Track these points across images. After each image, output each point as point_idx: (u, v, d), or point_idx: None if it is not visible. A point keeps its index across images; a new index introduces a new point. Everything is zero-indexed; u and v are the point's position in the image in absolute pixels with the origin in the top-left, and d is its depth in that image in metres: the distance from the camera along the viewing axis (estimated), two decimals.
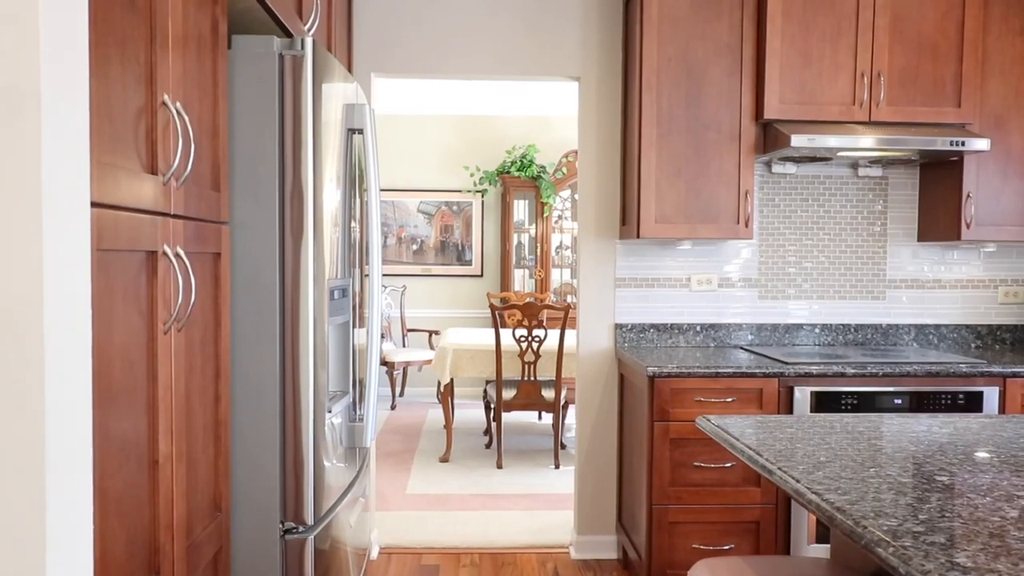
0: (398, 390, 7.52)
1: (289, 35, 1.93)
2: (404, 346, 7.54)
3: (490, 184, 7.82)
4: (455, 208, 7.88)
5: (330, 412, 1.89)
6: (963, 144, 3.18)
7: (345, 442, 2.08)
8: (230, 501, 1.71)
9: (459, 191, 7.86)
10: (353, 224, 2.22)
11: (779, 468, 1.63)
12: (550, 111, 7.63)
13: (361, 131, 2.19)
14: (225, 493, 1.67)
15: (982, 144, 3.19)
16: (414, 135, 7.82)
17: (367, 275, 2.28)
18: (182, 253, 1.38)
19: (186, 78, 1.43)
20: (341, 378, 2.04)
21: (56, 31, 0.93)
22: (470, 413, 7.01)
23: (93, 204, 1.04)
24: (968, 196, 3.42)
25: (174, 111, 1.34)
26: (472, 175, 7.82)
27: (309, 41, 1.76)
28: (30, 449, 0.91)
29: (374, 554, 3.68)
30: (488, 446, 5.82)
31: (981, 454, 1.77)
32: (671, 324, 3.69)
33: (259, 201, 1.75)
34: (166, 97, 1.32)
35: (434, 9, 3.59)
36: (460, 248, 7.90)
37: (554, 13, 3.63)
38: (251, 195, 1.75)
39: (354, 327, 2.19)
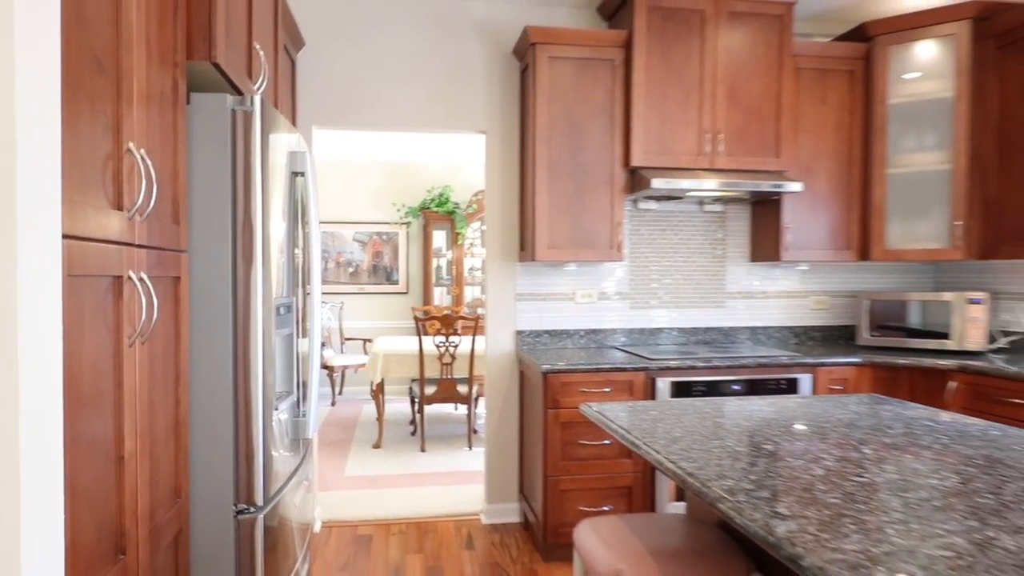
0: (337, 389, 7.35)
1: (241, 93, 1.88)
2: (342, 352, 7.37)
3: (414, 217, 7.77)
4: (384, 237, 7.78)
5: (277, 410, 1.84)
6: (781, 187, 3.34)
7: (290, 434, 2.02)
8: (189, 489, 1.64)
9: (388, 223, 7.77)
10: (297, 251, 2.17)
11: (644, 443, 1.68)
12: (463, 158, 7.65)
13: (303, 174, 2.15)
14: (184, 482, 1.60)
15: (796, 187, 3.36)
16: (351, 177, 7.71)
17: (309, 294, 2.23)
18: (145, 277, 1.32)
19: (149, 128, 1.38)
20: (286, 380, 1.98)
21: (30, 90, 0.89)
22: (398, 407, 6.93)
23: (65, 236, 1.00)
24: (786, 227, 3.60)
25: (138, 157, 1.29)
26: (399, 210, 7.76)
27: (257, 99, 1.72)
28: (6, 450, 0.86)
29: (317, 528, 3.58)
30: (413, 433, 5.75)
31: (798, 426, 1.85)
32: (561, 330, 3.74)
33: (215, 232, 1.69)
34: (131, 145, 1.27)
35: (365, 73, 3.56)
36: (389, 270, 7.80)
37: (464, 79, 3.65)
38: (208, 227, 1.69)
39: (297, 337, 2.13)
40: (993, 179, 3.33)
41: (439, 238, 7.84)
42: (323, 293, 7.64)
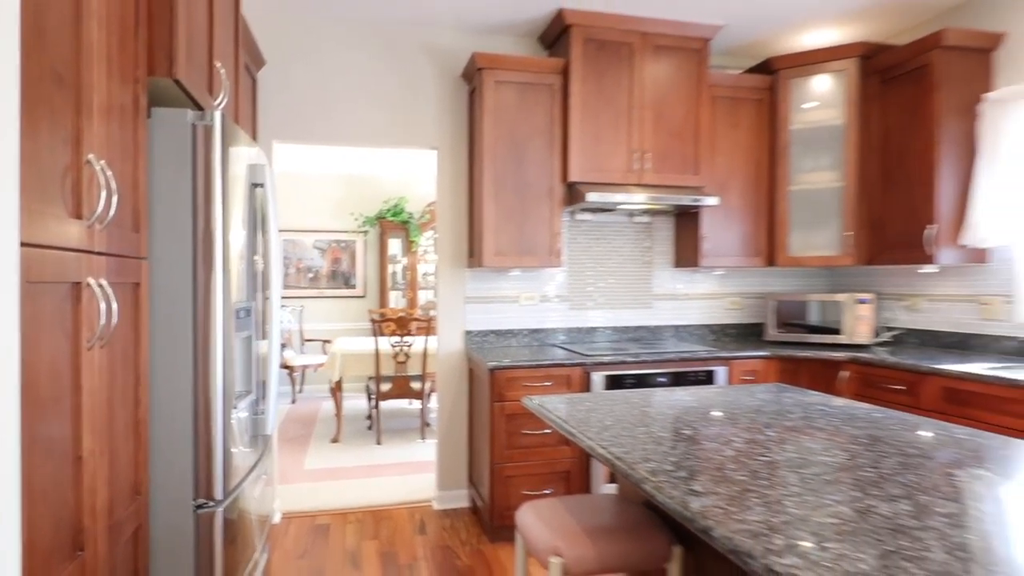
0: (298, 388, 7.16)
1: (202, 108, 1.82)
2: (302, 353, 7.19)
3: (370, 226, 7.66)
4: (343, 245, 7.63)
5: (236, 408, 1.78)
6: (700, 201, 3.44)
7: (250, 431, 1.96)
8: (149, 485, 1.57)
9: (346, 231, 7.64)
10: (257, 258, 2.11)
11: (579, 432, 1.70)
12: (417, 171, 7.59)
13: (262, 185, 2.10)
14: (144, 479, 1.53)
15: (713, 201, 3.46)
16: (312, 188, 7.55)
17: (268, 298, 2.17)
18: (104, 283, 1.26)
19: (110, 141, 1.32)
20: (246, 380, 1.93)
21: None
22: (356, 403, 6.80)
23: (23, 244, 0.95)
24: (704, 236, 3.70)
25: (98, 168, 1.23)
26: (356, 219, 7.64)
27: (218, 114, 1.67)
28: None
29: (276, 519, 3.48)
30: (370, 428, 5.65)
31: (713, 413, 1.89)
32: (506, 330, 3.75)
33: (176, 240, 1.63)
34: (91, 156, 1.21)
35: (323, 91, 3.49)
36: (347, 276, 7.66)
37: (417, 99, 3.62)
38: (169, 235, 1.62)
39: (257, 339, 2.07)
40: (877, 196, 3.51)
41: (394, 246, 7.76)
42: (284, 297, 7.45)
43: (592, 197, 3.25)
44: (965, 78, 3.16)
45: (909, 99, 3.29)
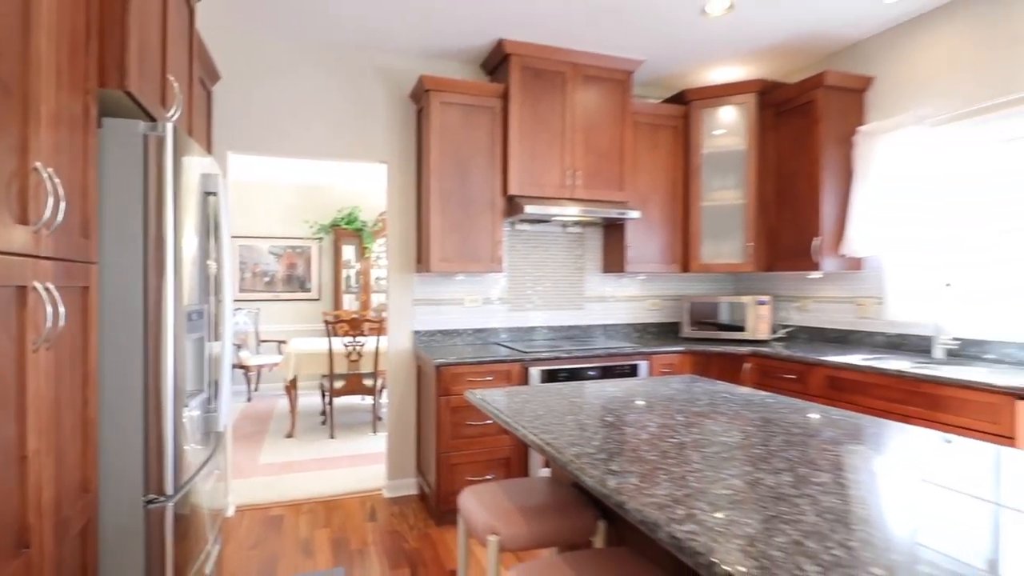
0: (253, 387, 6.92)
1: (154, 119, 1.74)
2: (258, 353, 6.94)
3: (325, 234, 7.47)
4: (298, 250, 7.42)
5: (188, 406, 1.70)
6: (624, 214, 3.53)
7: (202, 428, 1.88)
8: (98, 482, 1.48)
9: (301, 238, 7.42)
10: (210, 262, 2.03)
11: (514, 421, 1.71)
12: (370, 182, 7.47)
13: (215, 193, 2.02)
14: (93, 476, 1.45)
15: (636, 215, 3.55)
16: (269, 197, 7.30)
17: (221, 301, 2.09)
18: (51, 287, 1.19)
19: (58, 149, 1.25)
20: (198, 379, 1.84)
21: None
22: (311, 400, 6.59)
23: None
24: (628, 246, 3.80)
25: (45, 175, 1.16)
26: (311, 227, 7.44)
27: (169, 126, 1.60)
28: None
29: (230, 513, 3.34)
30: (324, 423, 5.50)
31: (633, 402, 1.93)
32: (452, 330, 3.74)
33: (128, 245, 1.55)
34: (38, 164, 1.14)
35: (277, 106, 3.40)
36: (302, 280, 7.44)
37: (368, 116, 3.57)
38: (121, 240, 1.54)
39: (210, 341, 1.99)
40: (773, 212, 3.69)
41: (348, 251, 7.60)
42: (241, 300, 7.16)
43: (530, 209, 3.29)
44: (843, 113, 3.37)
45: (798, 130, 3.48)
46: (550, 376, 3.25)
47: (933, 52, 3.09)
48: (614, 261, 3.91)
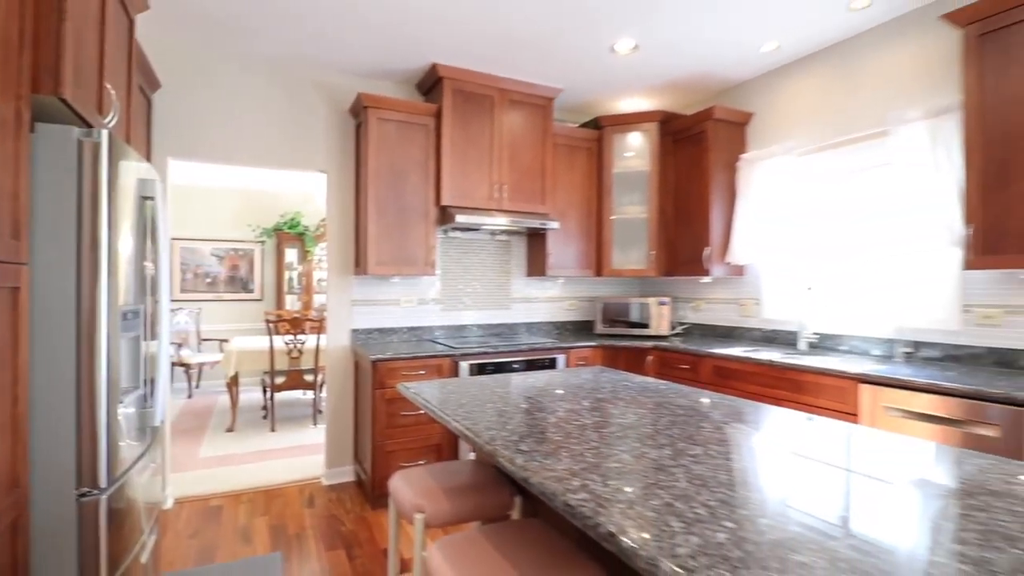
0: (194, 384, 6.53)
1: (91, 125, 1.64)
2: (199, 351, 6.56)
3: (268, 237, 7.17)
4: (241, 253, 7.07)
5: (122, 403, 1.62)
6: (546, 225, 3.63)
7: (137, 423, 1.79)
8: (29, 477, 1.39)
9: (244, 241, 7.08)
10: (147, 264, 1.93)
11: (439, 409, 1.72)
12: (313, 189, 7.24)
13: (152, 198, 1.92)
14: (24, 472, 1.35)
15: (555, 225, 3.66)
16: (212, 201, 6.92)
17: (157, 301, 1.99)
18: None
19: None
20: (133, 376, 1.75)
21: None
22: (253, 396, 6.32)
23: None
24: (549, 253, 3.91)
25: None
26: (254, 230, 7.11)
27: (104, 132, 1.52)
28: None
29: (169, 505, 3.16)
30: (265, 417, 5.28)
31: (547, 390, 1.98)
32: (388, 328, 3.70)
33: (61, 248, 1.45)
34: None
35: (218, 115, 3.25)
36: (245, 281, 7.10)
37: (308, 127, 3.49)
38: (54, 243, 1.44)
39: (147, 339, 1.89)
40: (672, 226, 3.92)
41: (291, 254, 7.32)
42: (183, 300, 6.74)
43: (460, 219, 3.32)
44: (729, 142, 3.63)
45: (692, 155, 3.72)
46: (479, 369, 3.28)
47: (798, 95, 3.39)
48: (537, 266, 4.00)
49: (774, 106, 3.54)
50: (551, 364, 3.52)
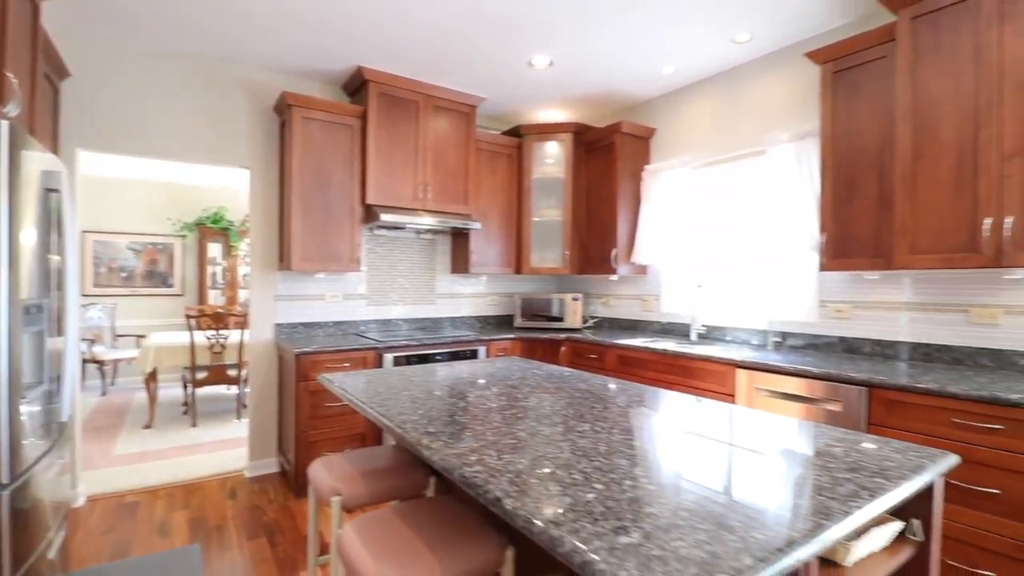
0: (109, 381, 6.04)
1: None
2: (114, 348, 6.07)
3: (189, 231, 6.73)
4: (160, 247, 6.59)
5: (25, 399, 1.53)
6: (468, 225, 3.70)
7: (43, 420, 1.69)
8: None
9: (164, 234, 6.62)
10: (52, 257, 1.81)
11: (356, 397, 1.74)
12: (238, 183, 6.87)
13: (57, 190, 1.81)
14: None
15: (477, 226, 3.74)
16: (128, 193, 6.40)
17: (64, 296, 1.87)
18: None
19: None
20: (37, 372, 1.64)
21: None
22: (173, 392, 5.93)
23: None
24: (472, 251, 3.99)
25: None
26: (175, 224, 6.66)
27: (4, 123, 1.43)
28: None
29: (80, 503, 2.95)
30: (185, 413, 5.00)
31: (463, 379, 2.04)
32: (313, 322, 3.64)
33: None
34: None
35: (133, 107, 3.05)
36: (165, 276, 6.63)
37: (230, 123, 3.35)
38: None
39: (52, 335, 1.78)
40: (584, 228, 4.12)
41: (215, 249, 6.92)
42: (95, 295, 6.20)
43: (385, 217, 3.32)
44: (634, 154, 3.88)
45: (602, 164, 3.93)
46: (403, 361, 3.31)
47: (694, 114, 3.68)
48: (461, 264, 4.07)
49: (674, 123, 3.81)
50: (472, 355, 3.60)
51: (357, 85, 3.50)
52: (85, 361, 5.59)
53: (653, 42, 3.06)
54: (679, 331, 3.75)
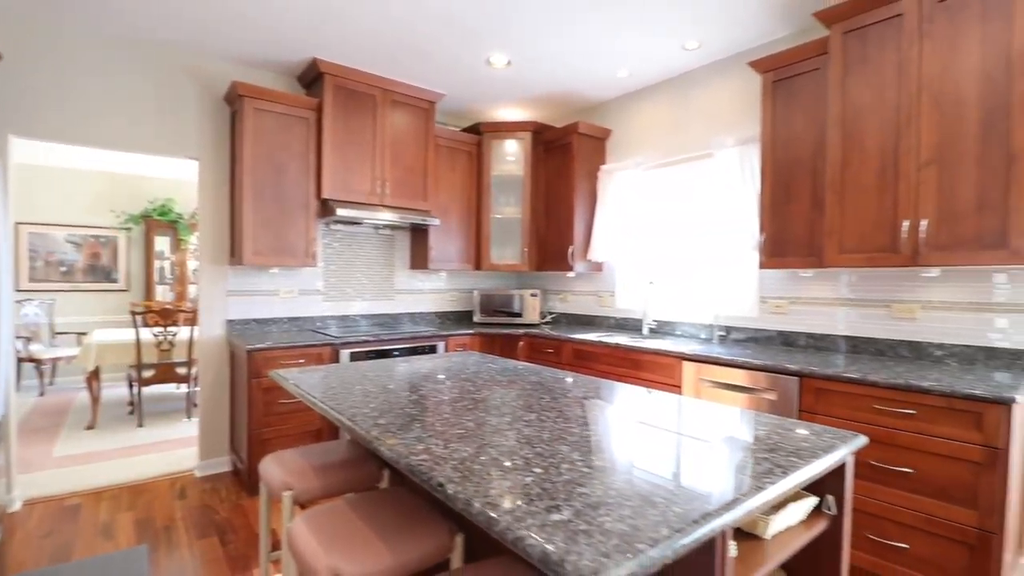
0: (47, 380, 5.73)
1: None
2: (53, 345, 5.76)
3: (135, 224, 6.44)
4: (103, 240, 6.28)
5: None
6: (427, 221, 3.71)
7: None
8: None
9: (107, 227, 6.31)
10: None
11: (308, 392, 1.74)
12: (187, 174, 6.62)
13: None
14: None
15: (436, 222, 3.76)
16: (68, 183, 6.06)
17: None
18: None
19: None
20: None
21: None
22: (117, 391, 5.69)
23: None
24: (431, 247, 4.00)
25: None
26: (118, 217, 6.36)
27: None
28: None
29: (16, 507, 2.81)
30: (131, 412, 4.81)
31: (418, 373, 2.06)
32: (267, 318, 3.57)
33: None
34: None
35: (73, 93, 2.92)
36: (108, 270, 6.33)
37: (178, 112, 3.24)
38: None
39: None
40: (542, 225, 4.20)
41: (162, 243, 6.64)
42: (32, 291, 5.86)
43: (341, 212, 3.30)
44: (591, 154, 3.98)
45: (560, 163, 4.01)
46: (361, 357, 3.29)
47: (647, 117, 3.80)
48: (420, 260, 4.08)
49: (628, 125, 3.93)
50: (431, 351, 3.62)
51: (313, 77, 3.45)
52: (21, 360, 5.29)
53: (607, 46, 3.16)
54: (632, 326, 3.88)
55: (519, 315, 4.17)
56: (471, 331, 3.85)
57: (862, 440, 1.36)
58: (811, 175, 2.64)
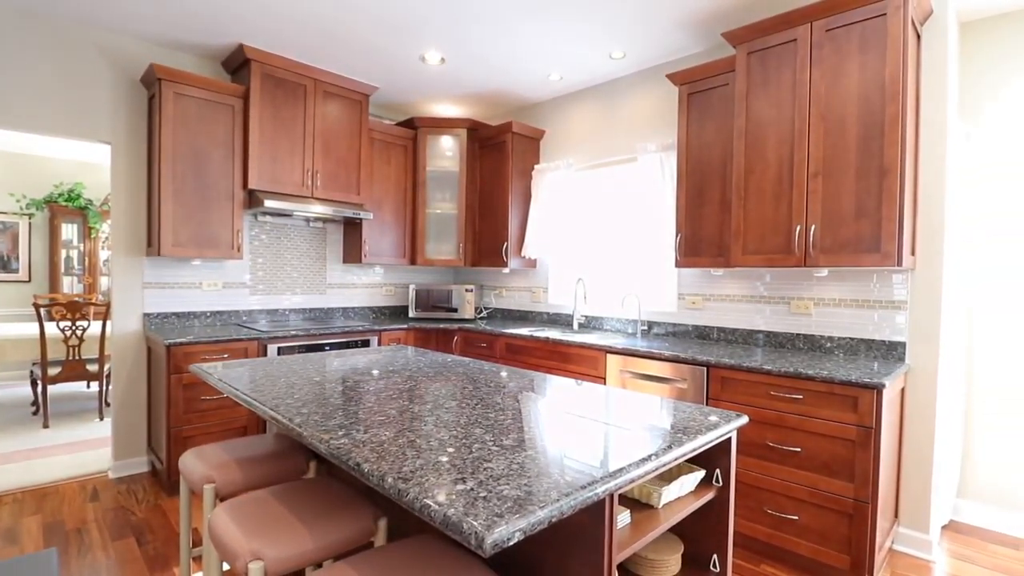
0: None
1: None
2: None
3: (37, 209, 5.95)
4: (1, 226, 5.77)
5: None
6: (360, 215, 3.71)
7: None
8: None
9: (5, 212, 5.79)
10: None
11: (230, 385, 1.75)
12: (98, 157, 6.18)
13: None
14: None
15: (369, 215, 3.75)
16: None
17: None
18: None
19: None
20: None
21: None
22: (18, 391, 5.25)
23: None
24: (365, 241, 4.01)
25: None
26: (19, 201, 5.85)
27: None
28: None
29: None
30: (36, 413, 4.48)
31: (346, 366, 2.10)
32: (188, 312, 3.46)
33: None
34: None
35: None
36: (6, 259, 5.82)
37: (87, 93, 3.07)
38: None
39: None
40: (477, 221, 4.31)
41: (70, 231, 6.18)
42: None
43: (270, 203, 3.25)
44: (525, 153, 4.12)
45: (495, 161, 4.13)
46: (288, 351, 3.26)
47: (578, 119, 3.99)
48: (353, 254, 4.07)
49: (561, 126, 4.11)
50: (364, 346, 3.63)
51: (239, 63, 3.36)
52: None
53: (540, 50, 3.30)
54: (563, 321, 4.07)
55: (455, 310, 4.25)
56: (405, 326, 3.89)
57: (743, 419, 1.57)
58: (721, 180, 2.90)
